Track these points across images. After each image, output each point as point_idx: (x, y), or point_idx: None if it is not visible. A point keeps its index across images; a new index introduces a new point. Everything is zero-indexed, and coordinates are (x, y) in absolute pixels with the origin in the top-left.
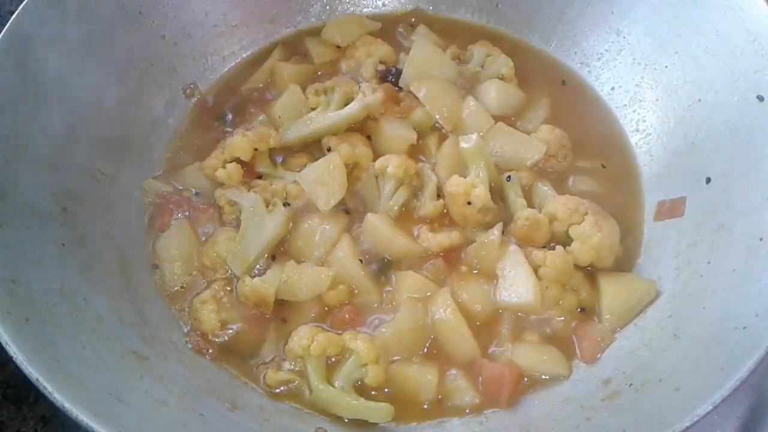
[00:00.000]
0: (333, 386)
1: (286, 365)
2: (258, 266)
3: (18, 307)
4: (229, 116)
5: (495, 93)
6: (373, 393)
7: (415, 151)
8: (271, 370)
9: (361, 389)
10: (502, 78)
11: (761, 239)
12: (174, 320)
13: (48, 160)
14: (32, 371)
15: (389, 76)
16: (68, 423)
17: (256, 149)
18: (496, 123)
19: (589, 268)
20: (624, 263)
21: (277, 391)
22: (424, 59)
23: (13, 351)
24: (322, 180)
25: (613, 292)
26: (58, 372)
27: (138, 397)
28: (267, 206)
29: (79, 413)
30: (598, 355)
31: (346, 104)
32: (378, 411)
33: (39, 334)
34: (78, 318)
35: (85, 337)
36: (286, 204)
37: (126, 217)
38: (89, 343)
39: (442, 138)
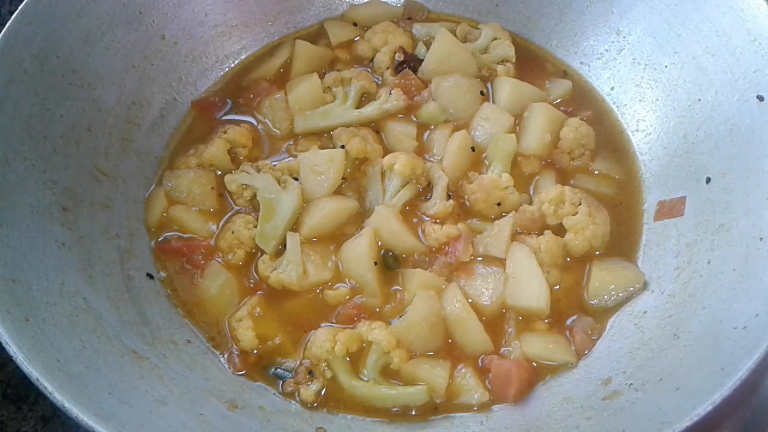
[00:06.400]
0: (362, 380)
1: (303, 372)
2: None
3: (18, 307)
4: (229, 105)
5: (508, 91)
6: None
7: (422, 147)
8: (303, 387)
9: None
10: (505, 61)
11: (761, 239)
12: (172, 319)
13: (48, 160)
14: (32, 371)
15: (406, 66)
16: (68, 423)
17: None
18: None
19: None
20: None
21: (316, 404)
22: (446, 53)
23: (13, 351)
24: (318, 169)
25: (600, 277)
26: (58, 372)
27: (138, 397)
28: (279, 183)
29: (79, 413)
30: (591, 347)
31: (362, 98)
32: (416, 394)
33: (39, 334)
34: (78, 318)
35: (85, 337)
36: (295, 178)
37: (126, 217)
38: (89, 342)
39: (452, 131)
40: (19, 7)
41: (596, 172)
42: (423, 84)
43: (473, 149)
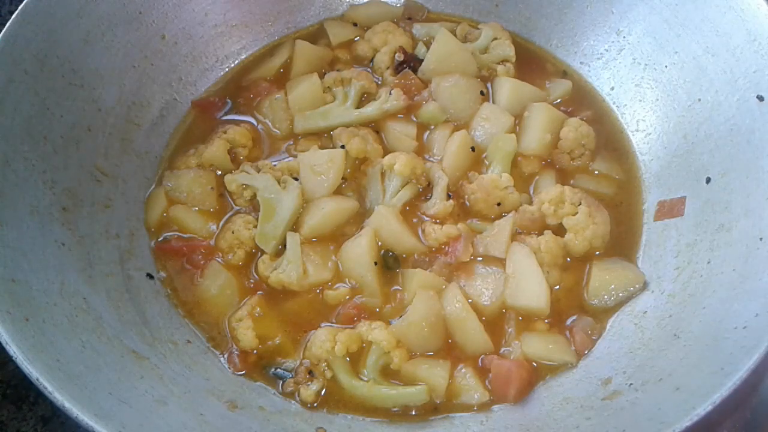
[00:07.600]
0: (362, 380)
1: (303, 372)
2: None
3: (18, 307)
4: (229, 105)
5: (508, 91)
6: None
7: (422, 147)
8: (303, 387)
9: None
10: (505, 61)
11: (761, 239)
12: (172, 319)
13: (48, 160)
14: (32, 371)
15: (406, 66)
16: (68, 423)
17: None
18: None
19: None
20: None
21: (316, 404)
22: (446, 53)
23: (13, 351)
24: (318, 170)
25: (600, 277)
26: (58, 372)
27: (138, 397)
28: (279, 183)
29: (79, 413)
30: (591, 347)
31: (362, 98)
32: (416, 394)
33: (39, 334)
34: (78, 318)
35: (85, 337)
36: (295, 178)
37: (126, 217)
38: (89, 342)
39: (452, 131)
40: (19, 7)
41: (596, 172)
42: (423, 84)
43: (473, 149)
